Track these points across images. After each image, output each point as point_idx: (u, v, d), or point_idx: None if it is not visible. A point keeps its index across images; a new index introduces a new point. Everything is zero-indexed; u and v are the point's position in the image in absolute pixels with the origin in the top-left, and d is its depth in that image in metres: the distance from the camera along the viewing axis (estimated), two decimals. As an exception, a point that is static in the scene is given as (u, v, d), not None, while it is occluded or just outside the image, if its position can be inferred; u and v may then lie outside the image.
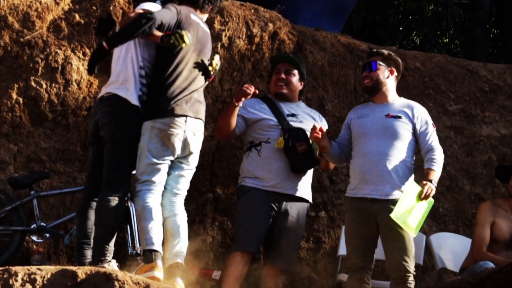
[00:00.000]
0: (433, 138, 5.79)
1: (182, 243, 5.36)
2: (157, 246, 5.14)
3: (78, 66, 6.57)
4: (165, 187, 5.45)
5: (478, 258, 6.21)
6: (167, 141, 5.31)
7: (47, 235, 6.25)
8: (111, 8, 6.66)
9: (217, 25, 6.92)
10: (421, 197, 5.56)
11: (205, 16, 5.70)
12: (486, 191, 7.62)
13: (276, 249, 5.99)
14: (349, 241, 5.84)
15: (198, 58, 5.50)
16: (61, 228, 6.41)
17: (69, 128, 6.59)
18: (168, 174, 5.45)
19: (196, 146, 5.50)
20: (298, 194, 6.06)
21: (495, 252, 6.26)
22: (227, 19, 6.96)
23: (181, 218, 5.45)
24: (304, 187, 6.12)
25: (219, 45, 6.92)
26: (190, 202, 6.73)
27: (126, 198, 5.54)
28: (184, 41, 5.24)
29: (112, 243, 5.21)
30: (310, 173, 6.18)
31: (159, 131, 5.30)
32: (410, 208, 5.55)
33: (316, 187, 7.01)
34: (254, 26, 7.07)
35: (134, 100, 5.33)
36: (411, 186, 5.60)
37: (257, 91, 5.99)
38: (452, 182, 7.62)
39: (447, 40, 10.18)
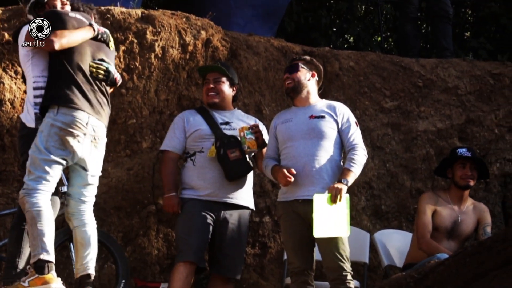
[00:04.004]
0: (355, 136, 5.81)
1: (92, 253, 5.38)
2: (52, 256, 5.06)
3: (11, 85, 6.46)
4: (71, 196, 5.42)
5: (423, 245, 6.28)
6: (66, 142, 5.23)
7: (-12, 258, 6.15)
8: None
9: (149, 36, 6.88)
10: (333, 201, 5.52)
11: None
12: (426, 186, 7.70)
13: (220, 258, 6.00)
14: (287, 245, 5.87)
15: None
16: (3, 251, 6.30)
17: (5, 148, 6.48)
18: (73, 182, 5.42)
19: (98, 153, 5.49)
20: (236, 201, 6.07)
21: (437, 240, 6.35)
22: (159, 29, 6.92)
23: (91, 227, 5.44)
24: (243, 195, 6.12)
25: (152, 56, 6.88)
26: (133, 216, 6.69)
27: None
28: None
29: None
30: (249, 179, 6.18)
31: (59, 129, 5.21)
32: (329, 217, 5.49)
33: (258, 192, 7.02)
34: (187, 34, 7.04)
35: (30, 122, 5.39)
36: (317, 199, 5.51)
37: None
38: (393, 178, 7.70)
39: (380, 38, 10.26)
